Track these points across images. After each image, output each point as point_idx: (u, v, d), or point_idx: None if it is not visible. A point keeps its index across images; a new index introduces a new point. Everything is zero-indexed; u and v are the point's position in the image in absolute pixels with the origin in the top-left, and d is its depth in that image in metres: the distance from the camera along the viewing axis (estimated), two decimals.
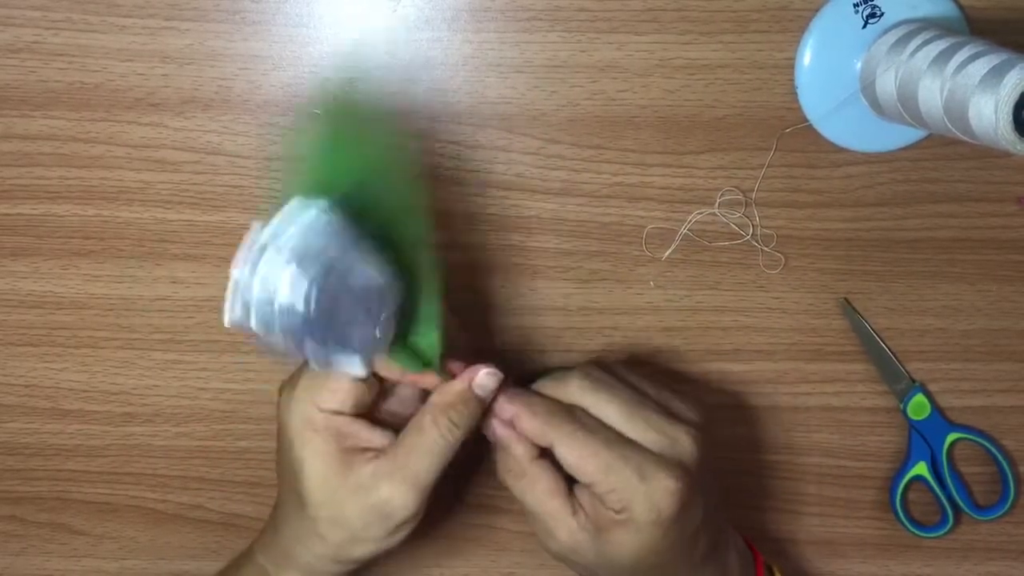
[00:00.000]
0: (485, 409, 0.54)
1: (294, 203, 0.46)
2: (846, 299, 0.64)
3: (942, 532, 0.66)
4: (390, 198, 0.50)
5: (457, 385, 0.53)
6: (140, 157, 0.62)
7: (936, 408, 0.65)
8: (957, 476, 0.66)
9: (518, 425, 0.53)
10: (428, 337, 0.52)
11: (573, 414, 0.53)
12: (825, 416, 0.66)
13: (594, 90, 0.61)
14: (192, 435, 0.66)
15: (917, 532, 0.66)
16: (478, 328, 0.64)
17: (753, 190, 0.62)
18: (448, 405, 0.52)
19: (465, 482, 0.67)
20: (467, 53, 0.60)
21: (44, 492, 0.67)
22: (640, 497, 0.51)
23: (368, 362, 0.50)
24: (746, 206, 0.63)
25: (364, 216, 0.48)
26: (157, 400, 0.66)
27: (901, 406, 0.65)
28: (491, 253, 0.63)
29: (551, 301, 0.64)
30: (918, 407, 0.65)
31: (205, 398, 0.66)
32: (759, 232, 0.63)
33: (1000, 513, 0.66)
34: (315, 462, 0.52)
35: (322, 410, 0.52)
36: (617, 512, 0.52)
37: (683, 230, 0.63)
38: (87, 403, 0.66)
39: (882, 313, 0.65)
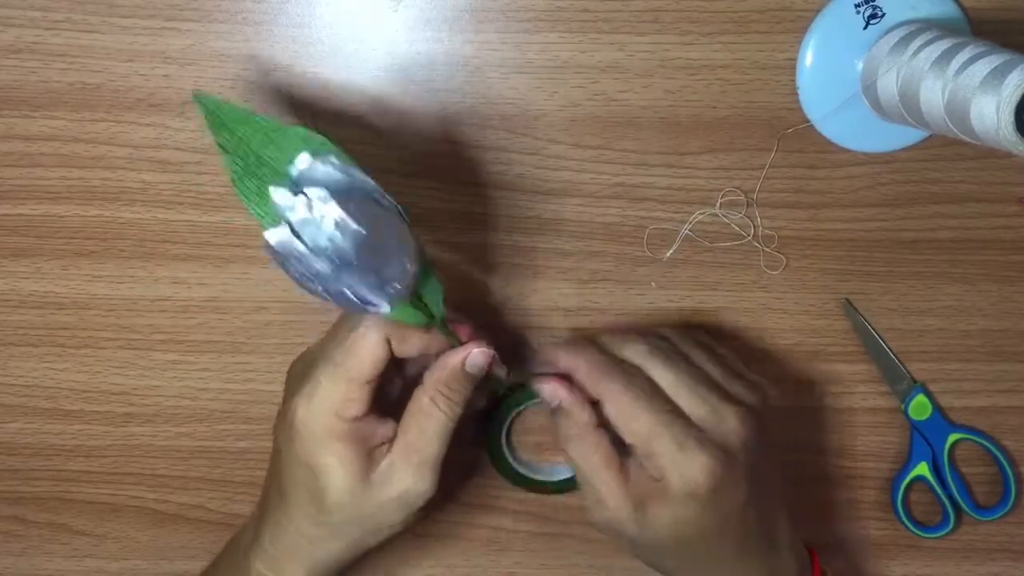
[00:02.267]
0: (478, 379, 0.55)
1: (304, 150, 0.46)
2: (848, 299, 0.64)
3: (943, 532, 0.66)
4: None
5: (451, 361, 0.53)
6: (141, 157, 0.62)
7: (937, 408, 0.65)
8: (958, 476, 0.66)
9: (574, 375, 0.54)
10: (433, 291, 0.52)
11: (627, 372, 0.54)
12: (826, 417, 0.66)
13: (595, 91, 0.61)
14: (193, 435, 0.66)
15: (919, 532, 0.66)
16: (478, 328, 0.64)
17: (754, 191, 0.62)
18: (444, 382, 0.53)
19: (465, 482, 0.67)
20: (468, 54, 0.60)
21: (45, 492, 0.67)
22: (675, 467, 0.52)
23: (394, 303, 0.49)
24: (747, 207, 0.63)
25: None
26: (158, 400, 0.66)
27: (902, 406, 0.65)
28: (492, 253, 0.63)
29: (552, 302, 0.64)
30: (919, 407, 0.65)
31: (206, 398, 0.66)
32: (760, 233, 0.63)
33: (1001, 513, 0.66)
34: (339, 468, 0.52)
35: (347, 420, 0.52)
36: (656, 480, 0.52)
37: (684, 231, 0.63)
38: (88, 403, 0.66)
39: (883, 314, 0.65)
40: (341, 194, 0.45)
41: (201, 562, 0.67)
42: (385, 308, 0.48)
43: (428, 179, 0.62)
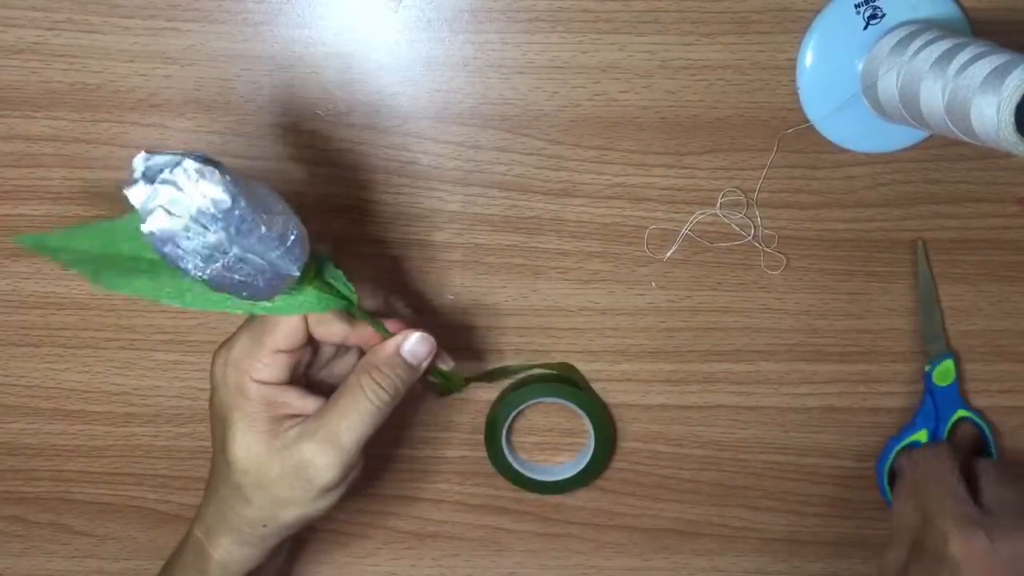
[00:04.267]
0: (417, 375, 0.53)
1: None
2: (922, 240, 0.63)
3: None
4: None
5: (387, 347, 0.53)
6: None
7: (958, 382, 0.65)
8: None
9: None
10: (336, 276, 0.51)
11: None
12: (826, 417, 0.66)
13: (596, 91, 0.61)
14: (193, 435, 0.66)
15: (887, 499, 0.66)
16: (479, 328, 0.64)
17: (755, 191, 0.62)
18: (374, 366, 0.52)
19: (466, 482, 0.67)
20: (468, 54, 0.60)
21: (46, 492, 0.67)
22: None
23: (302, 268, 0.47)
24: (748, 207, 0.63)
25: None
26: (159, 401, 0.66)
27: (927, 367, 0.65)
28: (492, 253, 0.63)
29: (552, 301, 0.64)
30: (943, 373, 0.64)
31: (206, 399, 0.65)
32: (761, 233, 0.63)
33: None
34: (243, 428, 0.52)
35: (255, 380, 0.52)
36: None
37: (684, 231, 0.63)
38: (89, 404, 0.66)
39: (883, 314, 0.65)
40: (199, 161, 0.43)
41: None
42: (295, 272, 0.46)
43: (428, 179, 0.62)
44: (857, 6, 0.58)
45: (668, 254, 0.63)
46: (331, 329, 0.52)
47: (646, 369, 0.65)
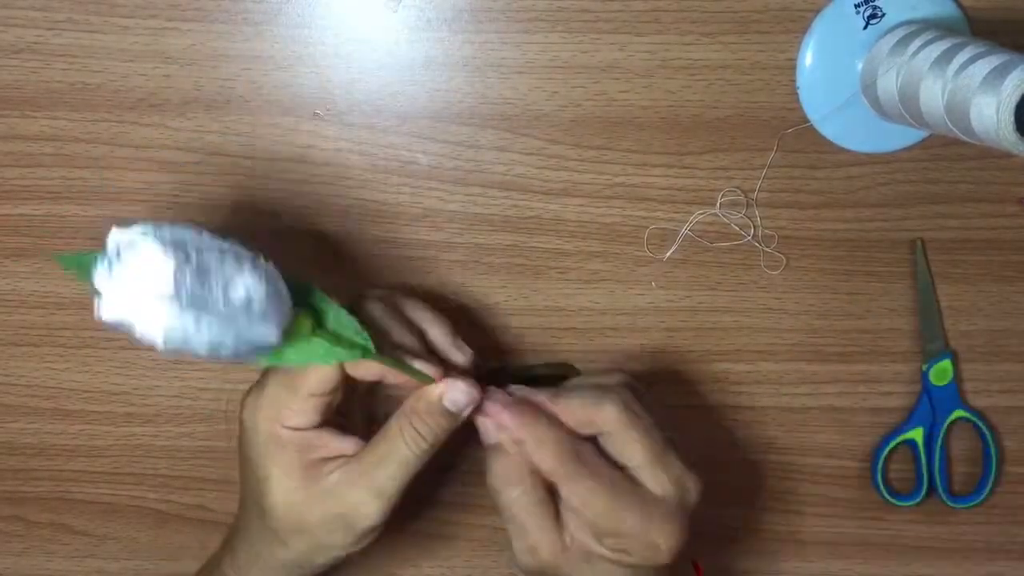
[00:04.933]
0: (462, 419, 0.52)
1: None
2: (921, 240, 0.63)
3: (909, 503, 0.66)
4: None
5: (429, 395, 0.51)
6: (142, 158, 0.62)
7: (956, 381, 0.65)
8: (945, 455, 0.66)
9: (522, 447, 0.52)
10: (345, 325, 0.49)
11: (580, 454, 0.51)
12: (827, 417, 0.66)
13: (596, 91, 0.61)
14: (194, 435, 0.66)
15: (886, 497, 0.66)
16: (479, 328, 0.64)
17: (754, 190, 0.62)
18: (416, 414, 0.51)
19: (466, 483, 0.67)
20: (468, 54, 0.60)
21: (46, 492, 0.67)
22: (641, 544, 0.51)
23: (284, 331, 0.46)
24: (747, 206, 0.63)
25: None
26: (159, 400, 0.66)
27: (925, 367, 0.65)
28: (492, 253, 0.63)
29: (552, 301, 0.64)
30: (941, 372, 0.65)
31: (206, 398, 0.66)
32: (760, 233, 0.63)
33: (969, 504, 0.66)
34: (280, 476, 0.51)
35: (287, 427, 0.51)
36: (612, 551, 0.51)
37: (684, 230, 0.63)
38: (89, 403, 0.66)
39: (883, 314, 0.65)
40: (149, 235, 0.42)
41: (203, 562, 0.67)
42: (273, 338, 0.45)
43: (428, 179, 0.62)
44: (857, 6, 0.58)
45: (668, 254, 0.63)
46: (368, 369, 0.50)
47: (646, 369, 0.65)
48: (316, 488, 0.51)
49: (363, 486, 0.51)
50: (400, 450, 0.51)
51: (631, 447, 0.52)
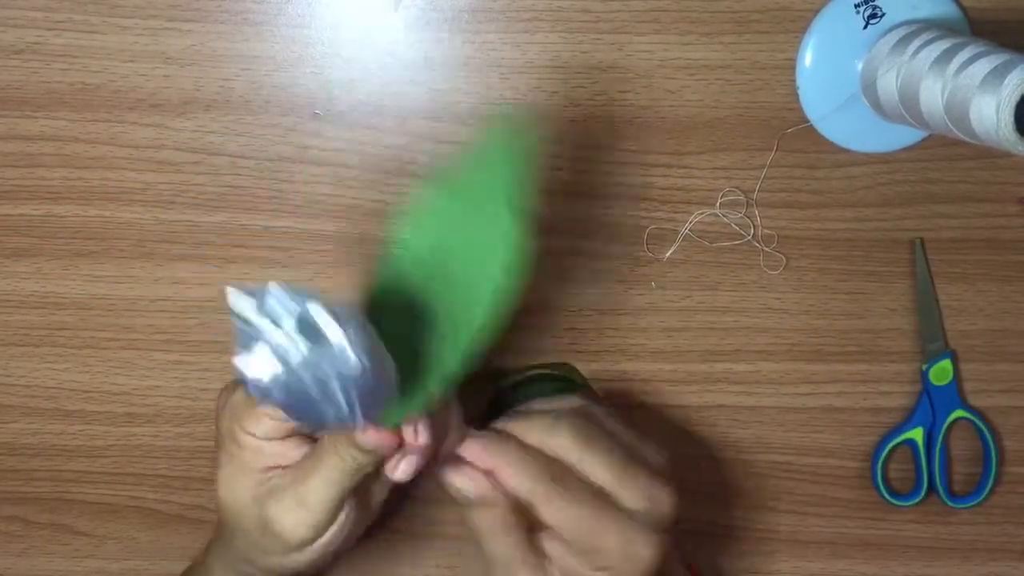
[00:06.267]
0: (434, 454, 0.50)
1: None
2: (921, 239, 0.63)
3: (909, 503, 0.66)
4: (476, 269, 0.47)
5: (377, 440, 0.47)
6: (142, 158, 0.62)
7: (956, 380, 0.65)
8: (945, 454, 0.66)
9: (498, 477, 0.51)
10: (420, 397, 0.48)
11: (555, 472, 0.51)
12: (827, 417, 0.66)
13: (595, 91, 0.61)
14: (193, 435, 0.66)
15: (886, 497, 0.66)
16: None
17: (754, 190, 0.62)
18: (356, 444, 0.48)
19: None
20: (468, 54, 0.60)
21: (46, 493, 0.67)
22: (622, 559, 0.50)
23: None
24: (747, 206, 0.63)
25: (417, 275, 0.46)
26: (158, 400, 0.66)
27: (924, 366, 0.65)
28: None
29: (552, 302, 0.64)
30: (941, 372, 0.65)
31: (206, 399, 0.66)
32: (760, 232, 0.63)
33: (968, 504, 0.66)
34: (230, 472, 0.52)
35: (246, 431, 0.51)
36: (594, 570, 0.51)
37: (684, 230, 0.63)
38: (88, 403, 0.66)
39: (883, 314, 0.65)
40: (347, 319, 0.41)
41: None
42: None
43: (428, 179, 0.62)
44: (857, 6, 0.58)
45: (668, 254, 0.63)
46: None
47: (646, 369, 0.65)
48: (254, 492, 0.51)
49: (289, 499, 0.50)
50: (328, 467, 0.49)
51: (593, 467, 0.51)
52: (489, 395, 0.63)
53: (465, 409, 0.53)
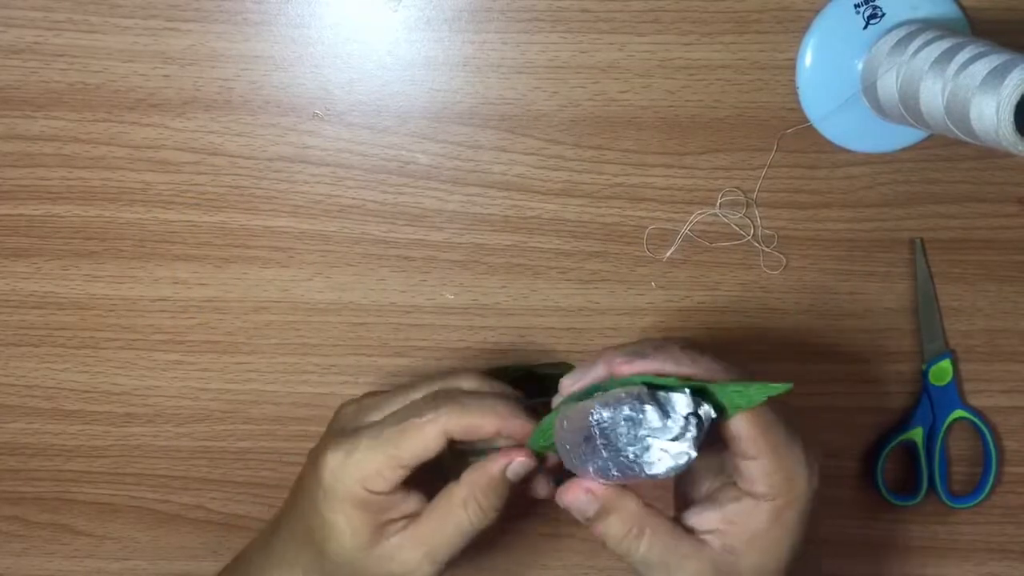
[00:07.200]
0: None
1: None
2: (921, 239, 0.63)
3: (909, 503, 0.66)
4: None
5: (492, 468, 0.52)
6: (141, 158, 0.62)
7: (956, 381, 0.65)
8: (945, 455, 0.66)
9: (677, 365, 0.51)
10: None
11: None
12: (827, 417, 0.66)
13: (595, 91, 0.61)
14: (193, 435, 0.66)
15: (887, 496, 0.66)
16: (479, 328, 0.64)
17: (754, 191, 0.62)
18: (480, 487, 0.52)
19: None
20: (468, 54, 0.60)
21: (46, 492, 0.67)
22: (804, 470, 0.50)
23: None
24: (747, 207, 0.63)
25: None
26: (158, 401, 0.66)
27: (924, 366, 0.65)
28: (492, 253, 0.63)
29: (552, 302, 0.64)
30: (940, 372, 0.65)
31: (206, 398, 0.66)
32: (760, 233, 0.63)
33: (968, 504, 0.66)
34: (349, 532, 0.52)
35: (369, 491, 0.51)
36: (772, 497, 0.50)
37: (684, 231, 0.63)
38: (88, 403, 0.66)
39: (883, 313, 0.65)
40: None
41: (202, 562, 0.67)
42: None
43: (428, 179, 0.62)
44: (857, 6, 0.58)
45: (668, 254, 0.63)
46: (483, 434, 0.52)
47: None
48: (377, 549, 0.52)
49: (421, 552, 0.52)
50: (462, 522, 0.52)
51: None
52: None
53: None
